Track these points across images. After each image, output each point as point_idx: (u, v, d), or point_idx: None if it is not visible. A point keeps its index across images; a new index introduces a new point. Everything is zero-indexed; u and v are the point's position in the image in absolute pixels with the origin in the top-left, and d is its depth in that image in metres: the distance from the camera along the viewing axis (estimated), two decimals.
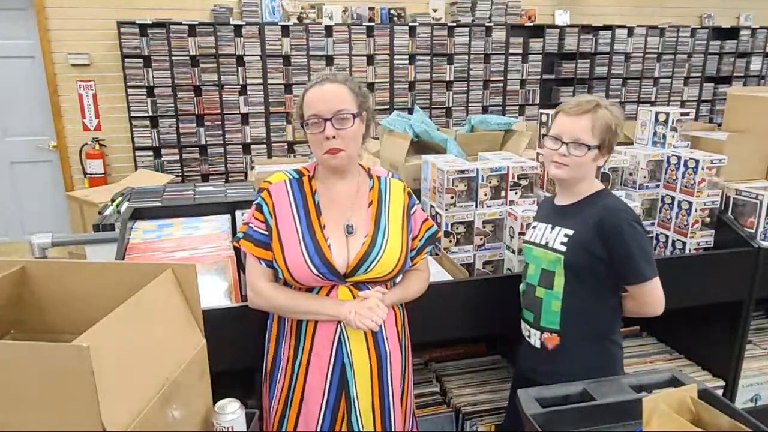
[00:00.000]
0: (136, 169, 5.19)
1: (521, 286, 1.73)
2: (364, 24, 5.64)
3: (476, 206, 2.05)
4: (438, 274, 1.89)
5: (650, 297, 1.58)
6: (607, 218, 1.54)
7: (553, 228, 1.62)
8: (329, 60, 5.60)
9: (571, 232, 1.57)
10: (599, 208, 1.57)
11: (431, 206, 2.14)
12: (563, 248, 1.57)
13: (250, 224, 1.46)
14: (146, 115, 5.25)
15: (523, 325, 1.71)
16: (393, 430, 1.50)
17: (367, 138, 1.50)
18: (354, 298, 1.41)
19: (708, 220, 2.13)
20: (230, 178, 5.56)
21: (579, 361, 1.57)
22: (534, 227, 1.70)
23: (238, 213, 2.09)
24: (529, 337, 1.68)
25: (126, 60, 5.07)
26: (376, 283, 1.44)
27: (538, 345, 1.64)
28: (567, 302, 1.58)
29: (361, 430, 1.44)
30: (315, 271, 1.38)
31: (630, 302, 1.63)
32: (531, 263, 1.67)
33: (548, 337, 1.62)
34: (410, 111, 5.13)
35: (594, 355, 1.62)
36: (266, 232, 1.44)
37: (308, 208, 1.44)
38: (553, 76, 6.39)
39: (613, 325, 1.65)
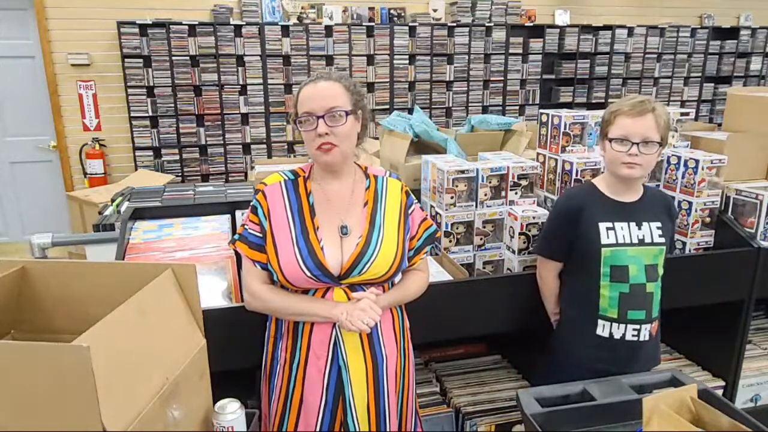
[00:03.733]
0: (136, 169, 5.19)
1: (609, 292, 1.69)
2: (364, 24, 5.64)
3: (476, 206, 2.05)
4: (438, 274, 1.89)
5: None
6: (672, 205, 1.81)
7: (639, 225, 1.70)
8: (329, 60, 5.60)
9: (659, 224, 1.71)
10: (660, 197, 1.79)
11: (431, 206, 2.14)
12: (662, 239, 1.70)
13: (246, 226, 1.45)
14: (146, 115, 5.25)
15: (628, 327, 1.69)
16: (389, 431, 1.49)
17: (363, 138, 1.48)
18: (349, 299, 1.40)
19: (708, 220, 2.12)
20: (230, 178, 5.57)
21: (660, 337, 1.79)
22: (610, 229, 1.70)
23: (238, 213, 2.09)
24: (637, 335, 1.70)
25: (126, 60, 5.07)
26: (371, 285, 1.43)
27: (647, 338, 1.72)
28: (663, 287, 1.74)
29: (357, 431, 1.44)
30: (308, 274, 1.36)
31: None
32: (630, 264, 1.68)
33: (654, 325, 1.74)
34: (410, 111, 5.13)
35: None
36: (260, 235, 1.43)
37: (302, 209, 1.43)
38: (553, 76, 6.39)
39: None
